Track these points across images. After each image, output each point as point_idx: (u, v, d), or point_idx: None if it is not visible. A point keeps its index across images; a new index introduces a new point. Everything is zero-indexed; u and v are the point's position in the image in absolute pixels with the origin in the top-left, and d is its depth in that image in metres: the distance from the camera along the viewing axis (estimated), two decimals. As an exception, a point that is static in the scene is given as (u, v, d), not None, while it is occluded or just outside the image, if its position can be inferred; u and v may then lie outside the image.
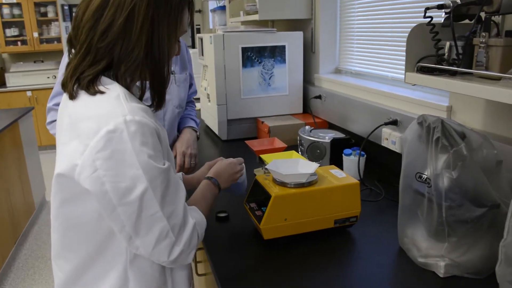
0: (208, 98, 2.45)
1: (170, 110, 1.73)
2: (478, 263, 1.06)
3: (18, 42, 6.07)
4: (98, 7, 0.88)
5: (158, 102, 0.99)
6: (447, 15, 1.12)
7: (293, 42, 2.31)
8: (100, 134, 0.83)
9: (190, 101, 1.94)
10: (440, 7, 1.14)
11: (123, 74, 0.92)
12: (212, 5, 4.53)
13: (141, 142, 0.84)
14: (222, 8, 3.70)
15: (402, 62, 1.82)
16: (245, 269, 1.15)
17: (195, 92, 1.96)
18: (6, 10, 5.91)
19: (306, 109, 2.44)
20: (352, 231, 1.32)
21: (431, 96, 1.64)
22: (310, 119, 2.29)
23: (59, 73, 1.51)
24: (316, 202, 1.23)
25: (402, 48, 1.80)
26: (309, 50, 2.46)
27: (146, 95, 0.99)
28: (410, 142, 1.15)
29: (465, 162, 1.02)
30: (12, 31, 6.04)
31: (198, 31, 5.28)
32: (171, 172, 0.91)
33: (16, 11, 5.96)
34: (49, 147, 5.96)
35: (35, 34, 6.01)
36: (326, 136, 1.84)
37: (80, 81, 0.90)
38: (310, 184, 1.24)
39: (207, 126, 2.62)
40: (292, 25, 2.67)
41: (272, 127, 2.18)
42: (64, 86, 0.94)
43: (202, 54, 2.50)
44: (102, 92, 0.89)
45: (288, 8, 2.38)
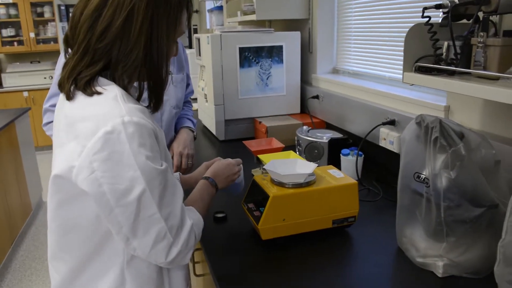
0: (205, 98, 2.44)
1: (168, 111, 1.72)
2: (477, 263, 1.06)
3: (15, 43, 6.04)
4: (97, 7, 0.87)
5: (156, 103, 0.99)
6: (445, 15, 1.12)
7: (290, 42, 2.31)
8: (97, 135, 0.82)
9: (187, 101, 1.94)
10: (438, 7, 1.14)
11: (121, 75, 0.91)
12: (209, 5, 4.52)
13: (139, 144, 0.84)
14: (219, 8, 3.70)
15: (399, 62, 1.83)
16: (243, 269, 1.15)
17: (192, 92, 1.96)
18: (2, 10, 5.89)
19: (304, 109, 2.44)
20: (350, 231, 1.32)
21: (429, 96, 1.64)
22: (308, 119, 2.29)
23: (55, 73, 1.50)
24: (314, 202, 1.23)
25: (400, 48, 1.80)
26: (306, 50, 2.46)
27: (144, 95, 0.98)
28: (408, 142, 1.15)
29: (463, 162, 1.02)
30: (8, 32, 6.01)
31: (195, 31, 5.27)
32: (169, 173, 0.90)
33: (12, 11, 5.94)
34: (46, 148, 5.94)
35: (32, 35, 5.99)
36: (324, 136, 1.84)
37: (77, 81, 0.89)
38: (308, 184, 1.24)
39: (205, 127, 2.62)
40: (289, 25, 2.67)
41: (269, 127, 2.17)
42: (60, 87, 0.94)
43: (200, 54, 2.49)
44: (100, 92, 0.88)
45: (285, 8, 2.37)
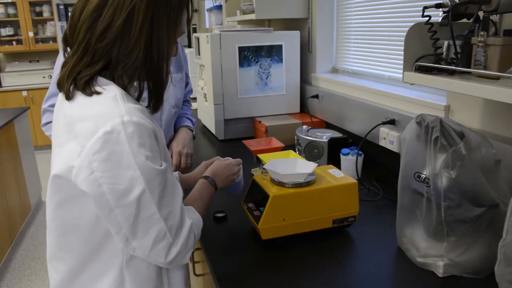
0: (205, 97, 2.44)
1: (167, 110, 1.72)
2: (477, 263, 1.06)
3: (13, 42, 6.03)
4: (96, 7, 0.87)
5: (156, 103, 0.98)
6: (445, 14, 1.12)
7: (290, 41, 2.31)
8: (97, 135, 0.82)
9: (186, 100, 1.94)
10: (438, 6, 1.14)
11: (121, 75, 0.91)
12: (208, 4, 4.52)
13: (138, 143, 0.83)
14: (219, 7, 3.69)
15: (399, 61, 1.82)
16: (243, 269, 1.15)
17: (191, 91, 1.96)
18: (1, 10, 5.87)
19: (303, 108, 2.43)
20: (350, 231, 1.31)
21: (429, 95, 1.63)
22: (308, 119, 2.28)
23: (54, 73, 1.50)
24: (314, 202, 1.23)
25: (400, 47, 1.80)
26: (306, 50, 2.46)
27: (144, 95, 0.98)
28: (409, 141, 1.15)
29: (463, 161, 1.02)
30: (7, 31, 6.00)
31: (195, 31, 5.27)
32: (168, 173, 0.90)
33: (11, 11, 5.93)
34: (45, 147, 5.94)
35: (30, 34, 5.98)
36: (324, 135, 1.83)
37: (76, 81, 0.89)
38: (308, 184, 1.23)
39: (204, 126, 2.61)
40: (289, 24, 2.67)
41: (269, 127, 2.17)
42: (59, 86, 0.93)
43: (199, 54, 2.49)
44: (99, 92, 0.88)
45: (284, 7, 2.37)
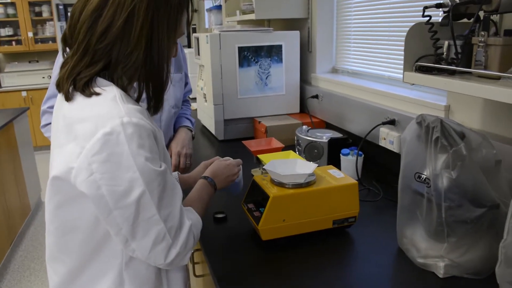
0: (204, 98, 2.43)
1: (167, 110, 1.72)
2: (478, 264, 1.06)
3: (13, 42, 6.03)
4: (96, 7, 0.86)
5: (156, 104, 0.97)
6: (446, 14, 1.12)
7: (289, 41, 2.30)
8: (96, 136, 0.82)
9: (185, 100, 1.93)
10: (438, 6, 1.13)
11: (121, 75, 0.90)
12: (208, 4, 4.51)
13: (138, 145, 0.83)
14: (218, 7, 3.68)
15: (399, 61, 1.82)
16: (243, 270, 1.14)
17: (190, 90, 1.95)
18: (0, 10, 5.87)
19: (303, 108, 2.43)
20: (350, 232, 1.31)
21: (429, 95, 1.63)
22: (307, 119, 2.28)
23: (53, 74, 1.49)
24: (314, 202, 1.22)
25: (400, 47, 1.80)
26: (305, 50, 2.46)
27: (143, 96, 0.97)
28: (409, 142, 1.14)
29: (464, 162, 1.01)
30: (6, 31, 6.00)
31: (194, 31, 5.26)
32: (168, 174, 0.90)
33: (10, 11, 5.92)
34: (44, 148, 5.93)
35: (30, 34, 5.97)
36: (324, 136, 1.83)
37: (76, 82, 0.89)
38: (308, 184, 1.23)
39: (204, 126, 2.61)
40: (288, 24, 2.66)
41: (269, 127, 2.17)
42: (59, 87, 0.93)
43: (199, 54, 2.49)
44: (98, 93, 0.87)
45: (284, 7, 2.37)
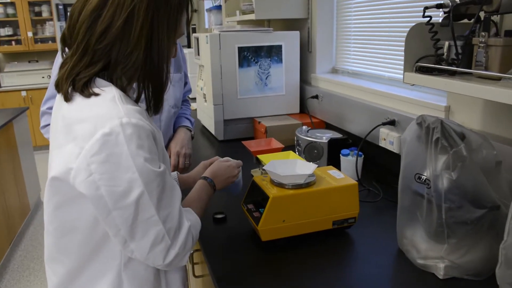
0: (204, 98, 2.43)
1: (166, 110, 1.71)
2: (478, 265, 1.05)
3: (12, 42, 6.03)
4: (96, 7, 0.86)
5: (156, 105, 0.97)
6: (446, 15, 1.11)
7: (289, 41, 2.30)
8: (95, 137, 0.81)
9: (185, 99, 1.93)
10: (439, 7, 1.13)
11: (120, 76, 0.90)
12: (208, 4, 4.51)
13: (137, 145, 0.83)
14: (218, 7, 3.68)
15: (399, 62, 1.82)
16: (242, 271, 1.14)
17: (190, 90, 1.95)
18: (0, 9, 5.87)
19: (303, 109, 2.43)
20: (350, 232, 1.31)
21: (429, 96, 1.63)
22: (307, 119, 2.28)
23: (53, 75, 1.49)
24: (314, 203, 1.22)
25: (400, 47, 1.80)
26: (305, 50, 2.45)
27: (142, 96, 0.97)
28: (409, 142, 1.14)
29: (464, 163, 1.01)
30: (6, 31, 6.00)
31: (194, 31, 5.26)
32: (167, 174, 0.89)
33: (10, 11, 5.92)
34: (44, 148, 5.93)
35: (30, 34, 5.97)
36: (324, 136, 1.83)
37: (75, 82, 0.88)
38: (308, 185, 1.23)
39: (204, 126, 2.61)
40: (288, 24, 2.66)
41: (269, 127, 2.17)
42: (58, 87, 0.92)
43: (198, 54, 2.48)
44: (97, 94, 0.87)
45: (284, 7, 2.36)
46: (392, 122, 1.67)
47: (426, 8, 1.15)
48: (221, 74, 2.23)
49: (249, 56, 2.24)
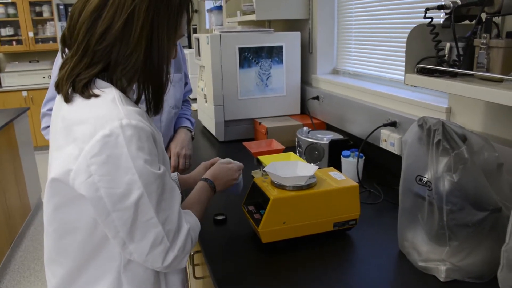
0: (205, 98, 2.43)
1: (166, 111, 1.71)
2: (480, 267, 1.05)
3: (13, 42, 6.03)
4: (96, 8, 0.86)
5: (156, 106, 0.97)
6: (448, 16, 1.11)
7: (290, 42, 2.30)
8: (95, 138, 0.81)
9: (185, 100, 1.92)
10: (440, 8, 1.13)
11: (120, 77, 0.90)
12: (208, 5, 4.51)
13: (137, 147, 0.82)
14: (219, 8, 3.68)
15: (400, 63, 1.81)
16: (243, 272, 1.14)
17: (190, 90, 1.94)
18: (0, 10, 5.87)
19: (304, 110, 2.42)
20: (351, 234, 1.30)
21: (430, 97, 1.62)
22: (308, 120, 2.27)
23: (53, 75, 1.49)
24: (315, 205, 1.22)
25: (401, 49, 1.79)
26: (306, 51, 2.45)
27: (142, 97, 0.97)
28: (411, 144, 1.14)
29: (466, 165, 1.01)
30: (7, 31, 6.00)
31: (195, 31, 5.26)
32: (167, 176, 0.89)
33: (11, 11, 5.93)
34: (44, 148, 5.93)
35: (30, 34, 5.98)
36: (324, 137, 1.82)
37: (75, 83, 0.88)
38: (309, 186, 1.22)
39: (204, 127, 2.60)
40: (289, 25, 2.66)
41: (269, 128, 2.16)
42: (58, 88, 0.92)
43: (199, 55, 2.48)
44: (97, 95, 0.87)
45: (285, 8, 2.36)
46: (393, 124, 1.66)
47: (427, 9, 1.14)
48: (221, 75, 2.23)
49: (249, 56, 2.24)
